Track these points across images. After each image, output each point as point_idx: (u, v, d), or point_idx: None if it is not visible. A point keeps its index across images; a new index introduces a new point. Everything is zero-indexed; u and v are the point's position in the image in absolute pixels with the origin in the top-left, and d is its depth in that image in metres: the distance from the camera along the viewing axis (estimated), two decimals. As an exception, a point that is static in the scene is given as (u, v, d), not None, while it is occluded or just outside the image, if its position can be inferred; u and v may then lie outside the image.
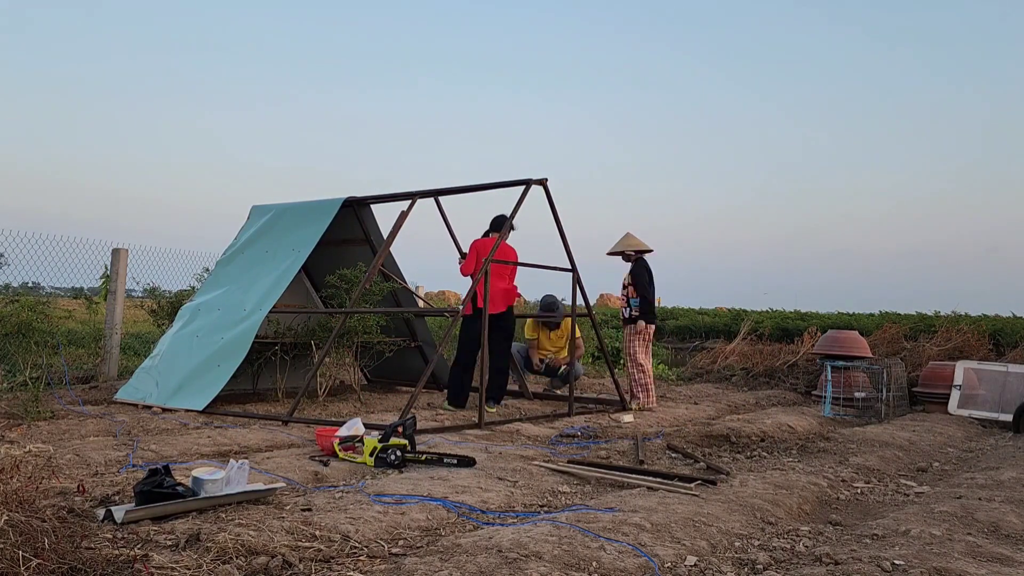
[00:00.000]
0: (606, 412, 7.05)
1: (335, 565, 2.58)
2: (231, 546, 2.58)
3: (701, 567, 2.73)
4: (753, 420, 6.29)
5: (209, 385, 6.30)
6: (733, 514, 3.38)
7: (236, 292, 7.09)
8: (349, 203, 7.58)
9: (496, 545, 2.67)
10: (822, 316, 13.60)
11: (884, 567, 2.62)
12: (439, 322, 9.94)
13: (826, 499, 4.07)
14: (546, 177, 6.72)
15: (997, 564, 2.76)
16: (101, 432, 5.13)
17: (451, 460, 4.24)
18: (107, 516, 2.92)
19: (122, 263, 8.29)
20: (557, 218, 6.96)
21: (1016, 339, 10.34)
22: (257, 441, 4.95)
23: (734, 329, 12.82)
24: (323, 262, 8.03)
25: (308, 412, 6.39)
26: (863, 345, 8.60)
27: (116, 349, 8.10)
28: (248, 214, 8.10)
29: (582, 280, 7.16)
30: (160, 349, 7.06)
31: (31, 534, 2.33)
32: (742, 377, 10.64)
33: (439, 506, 3.31)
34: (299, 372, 7.77)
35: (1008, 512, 3.55)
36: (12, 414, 5.54)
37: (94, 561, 2.36)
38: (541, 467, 4.37)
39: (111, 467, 3.99)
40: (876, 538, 3.11)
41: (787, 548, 3.03)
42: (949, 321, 11.00)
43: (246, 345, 6.43)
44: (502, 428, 5.97)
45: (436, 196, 7.56)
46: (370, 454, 4.26)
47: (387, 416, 6.16)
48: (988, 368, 8.15)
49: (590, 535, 2.85)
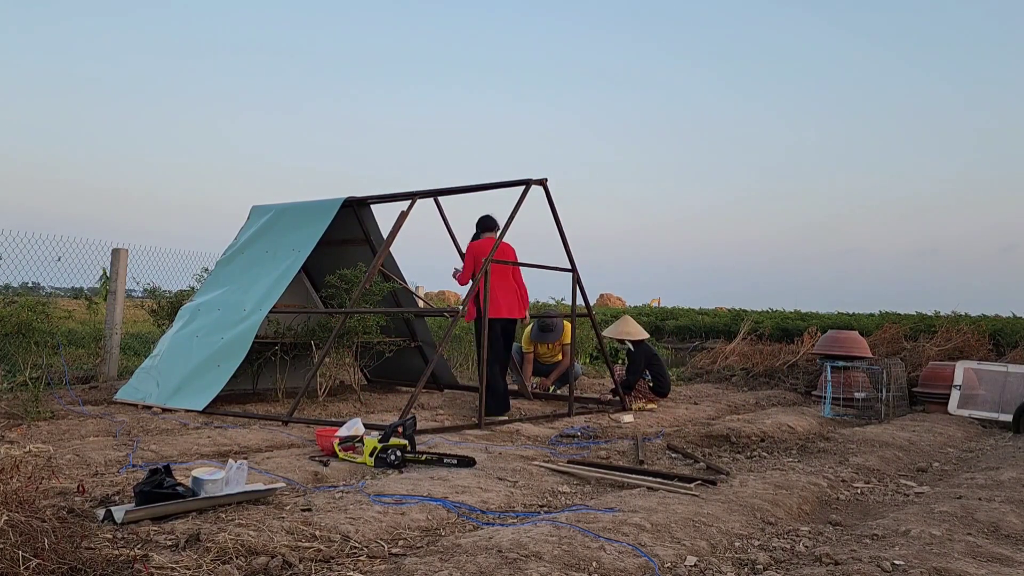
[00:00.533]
0: (606, 412, 7.05)
1: (335, 565, 2.58)
2: (231, 546, 2.58)
3: (701, 567, 2.73)
4: (753, 420, 6.29)
5: (209, 385, 6.29)
6: (733, 514, 3.38)
7: (236, 292, 7.09)
8: (349, 203, 7.58)
9: (496, 545, 2.67)
10: (822, 316, 13.61)
11: (884, 567, 2.63)
12: (439, 322, 9.94)
13: (826, 499, 4.07)
14: (546, 177, 6.73)
15: (997, 564, 2.76)
16: (101, 432, 5.13)
17: (451, 460, 4.24)
18: (107, 516, 2.92)
19: (122, 263, 8.29)
20: (557, 218, 6.96)
21: (1016, 339, 10.35)
22: (257, 441, 4.95)
23: (734, 329, 12.81)
24: (323, 262, 8.03)
25: (308, 412, 6.39)
26: (863, 345, 8.59)
27: (116, 349, 8.10)
28: (248, 214, 8.10)
29: (582, 280, 7.16)
30: (160, 349, 7.06)
31: (31, 534, 2.33)
32: (742, 377, 10.64)
33: (439, 506, 3.31)
34: (299, 372, 7.77)
35: (1008, 512, 3.55)
36: (12, 414, 5.54)
37: (94, 561, 2.36)
38: (541, 467, 4.37)
39: (111, 467, 3.99)
40: (876, 538, 3.11)
41: (787, 548, 3.03)
42: (949, 321, 11.00)
43: (246, 345, 6.43)
44: (502, 428, 5.97)
45: (436, 196, 7.56)
46: (370, 454, 4.26)
47: (387, 416, 6.16)
48: (988, 368, 8.15)
49: (590, 535, 2.85)
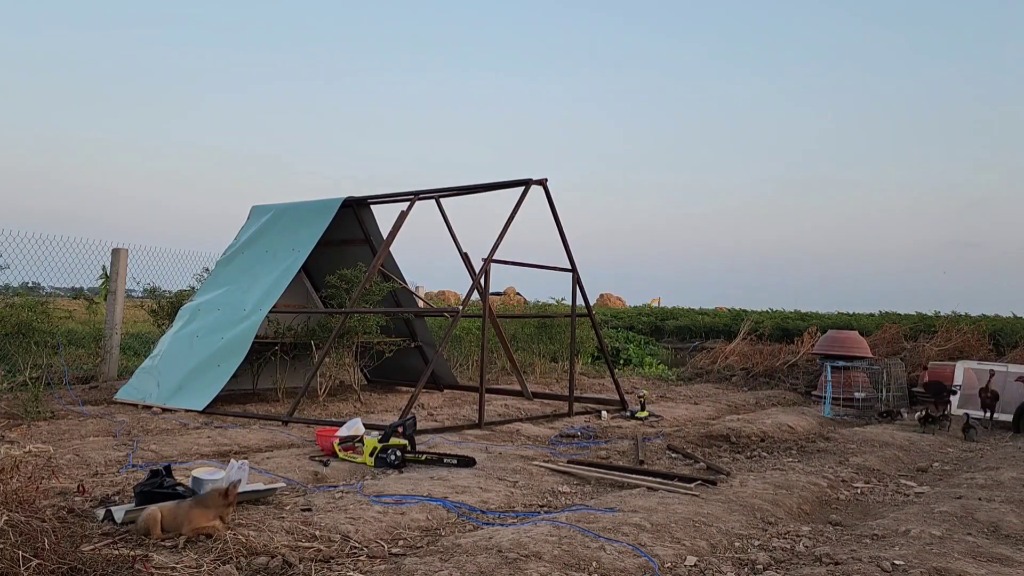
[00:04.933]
0: (601, 413, 7.04)
1: (335, 565, 2.58)
2: (231, 546, 2.58)
3: (701, 567, 2.73)
4: (753, 420, 6.29)
5: (209, 385, 6.30)
6: (733, 514, 3.38)
7: (236, 292, 7.10)
8: (349, 203, 7.58)
9: (496, 545, 2.67)
10: (822, 316, 13.61)
11: (884, 567, 2.63)
12: (439, 322, 9.93)
13: (826, 499, 4.07)
14: (546, 177, 6.73)
15: (997, 564, 2.76)
16: (101, 432, 5.13)
17: (451, 460, 4.24)
18: (107, 516, 2.92)
19: (122, 263, 8.29)
20: (557, 218, 6.96)
21: (1016, 339, 10.35)
22: (257, 441, 4.95)
23: (734, 329, 12.82)
24: (323, 262, 8.03)
25: (308, 412, 6.39)
26: (863, 345, 8.59)
27: (116, 349, 8.09)
28: (248, 214, 8.10)
29: (582, 280, 7.16)
30: (160, 349, 7.06)
31: (31, 534, 2.34)
32: (742, 377, 10.64)
33: (439, 506, 3.31)
34: (299, 372, 7.77)
35: (1008, 512, 3.55)
36: (12, 414, 5.54)
37: (94, 561, 2.36)
38: (541, 467, 4.37)
39: (111, 467, 3.99)
40: (876, 538, 3.11)
41: (787, 548, 3.03)
42: (949, 321, 11.01)
43: (246, 345, 6.43)
44: (502, 428, 5.97)
45: (436, 197, 7.56)
46: (370, 454, 4.26)
47: (387, 416, 6.16)
48: (988, 368, 8.14)
49: (590, 535, 2.85)
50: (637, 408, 7.06)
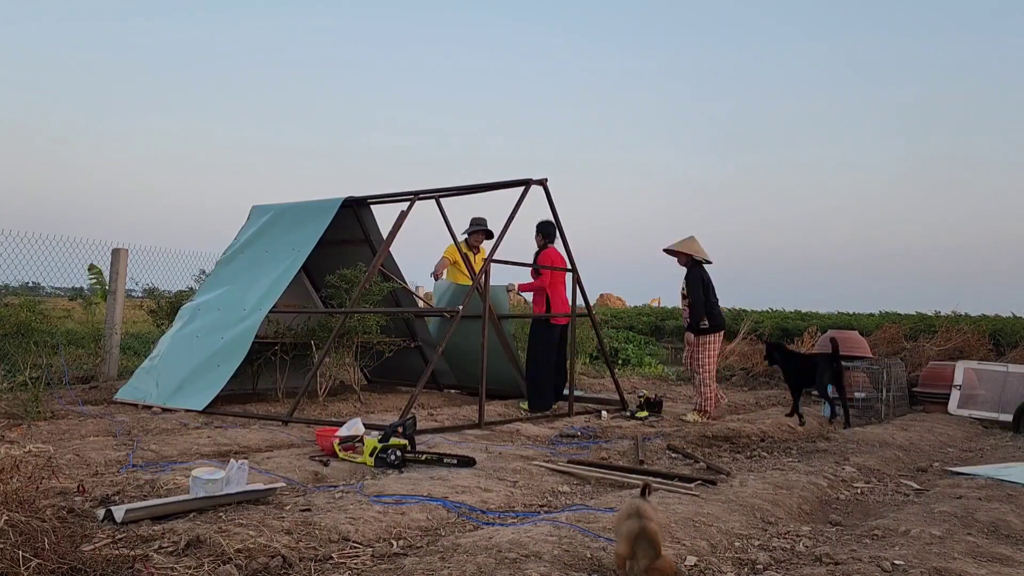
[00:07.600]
0: (601, 413, 7.04)
1: (335, 565, 2.58)
2: (231, 546, 2.58)
3: (701, 567, 2.73)
4: (753, 420, 6.29)
5: (209, 385, 6.29)
6: (733, 514, 3.38)
7: (236, 292, 7.09)
8: (349, 203, 7.58)
9: (496, 545, 2.67)
10: (822, 316, 13.61)
11: (884, 567, 2.63)
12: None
13: (826, 499, 4.07)
14: (546, 177, 6.73)
15: (997, 564, 2.76)
16: (101, 432, 5.13)
17: (451, 460, 4.24)
18: (107, 516, 2.92)
19: (122, 263, 8.29)
20: (557, 218, 6.97)
21: (1016, 339, 10.35)
22: (257, 441, 4.95)
23: (734, 329, 12.82)
24: (323, 262, 8.02)
25: (308, 412, 6.39)
26: (863, 345, 8.59)
27: (116, 349, 8.09)
28: (248, 214, 8.10)
29: (582, 280, 7.16)
30: (160, 349, 7.06)
31: (31, 534, 2.33)
32: (742, 377, 10.64)
33: (439, 506, 3.31)
34: (299, 372, 7.77)
35: (1008, 512, 3.55)
36: (12, 414, 5.53)
37: (94, 561, 2.36)
38: (541, 467, 4.37)
39: (111, 467, 3.99)
40: (876, 538, 3.11)
41: (787, 548, 3.03)
42: (949, 321, 11.01)
43: (246, 345, 6.43)
44: (502, 428, 5.96)
45: (436, 197, 7.55)
46: (370, 454, 4.26)
47: (387, 416, 6.16)
48: (988, 368, 8.15)
49: (590, 535, 2.85)
50: (635, 408, 7.07)
